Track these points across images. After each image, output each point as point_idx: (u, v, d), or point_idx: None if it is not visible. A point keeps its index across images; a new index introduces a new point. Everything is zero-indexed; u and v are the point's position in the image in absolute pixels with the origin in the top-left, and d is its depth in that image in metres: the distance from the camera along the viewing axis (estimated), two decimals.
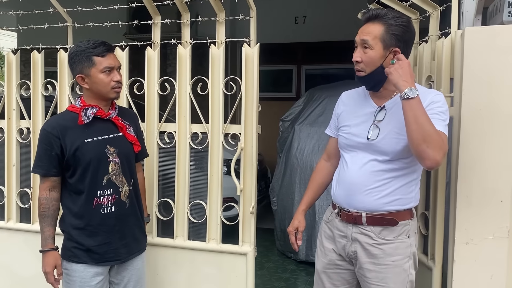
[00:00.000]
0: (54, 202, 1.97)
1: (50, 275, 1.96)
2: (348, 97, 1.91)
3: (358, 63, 1.72)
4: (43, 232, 1.96)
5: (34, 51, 2.62)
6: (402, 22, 1.66)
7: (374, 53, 1.67)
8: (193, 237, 2.40)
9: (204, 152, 2.36)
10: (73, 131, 1.93)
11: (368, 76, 1.71)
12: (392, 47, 1.66)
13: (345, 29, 6.38)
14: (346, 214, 1.79)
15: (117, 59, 1.99)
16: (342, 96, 1.94)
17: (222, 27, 2.32)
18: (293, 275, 3.87)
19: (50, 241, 1.96)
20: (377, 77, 1.69)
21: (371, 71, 1.69)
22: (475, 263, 1.85)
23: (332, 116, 1.95)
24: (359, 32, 1.72)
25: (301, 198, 3.97)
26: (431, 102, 1.64)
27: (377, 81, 1.71)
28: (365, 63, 1.69)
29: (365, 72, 1.70)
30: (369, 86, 1.77)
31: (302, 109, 4.50)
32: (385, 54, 1.66)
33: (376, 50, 1.66)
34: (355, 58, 1.72)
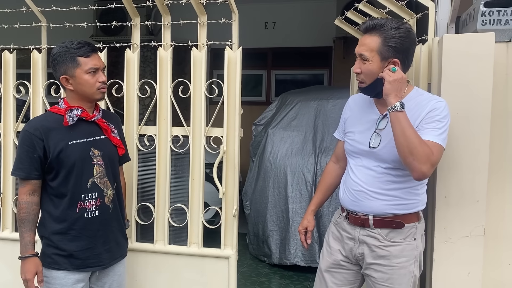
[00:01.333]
0: (35, 207, 1.89)
1: (31, 283, 1.87)
2: (354, 102, 1.93)
3: (358, 74, 1.75)
4: (22, 238, 1.88)
5: (5, 51, 2.52)
6: (400, 33, 1.66)
7: (371, 65, 1.69)
8: (173, 241, 2.37)
9: (185, 156, 2.34)
10: (56, 133, 1.87)
11: (369, 87, 1.74)
12: (390, 58, 1.68)
13: (315, 35, 6.54)
14: (354, 217, 1.83)
15: (102, 60, 1.95)
16: (349, 101, 1.97)
17: (204, 30, 2.31)
18: (267, 278, 3.88)
19: (31, 247, 1.88)
20: (378, 87, 1.70)
21: (371, 82, 1.72)
22: (453, 261, 1.93)
23: (340, 120, 1.98)
24: (358, 44, 1.74)
25: (275, 202, 4.06)
26: (431, 109, 1.67)
27: (379, 90, 1.71)
28: (365, 75, 1.72)
29: (366, 83, 1.74)
30: (372, 95, 1.80)
31: (275, 113, 4.54)
32: (383, 66, 1.69)
33: (373, 62, 1.69)
34: (354, 69, 1.75)
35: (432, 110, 1.67)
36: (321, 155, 4.02)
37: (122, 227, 2.06)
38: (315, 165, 4.00)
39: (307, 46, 6.63)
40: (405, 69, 1.75)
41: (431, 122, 1.66)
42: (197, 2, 2.23)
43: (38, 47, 2.49)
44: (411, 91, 1.77)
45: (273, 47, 6.80)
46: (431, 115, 1.66)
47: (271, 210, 4.07)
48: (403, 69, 1.73)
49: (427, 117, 1.66)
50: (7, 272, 2.52)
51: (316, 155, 4.04)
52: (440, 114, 1.66)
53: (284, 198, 4.01)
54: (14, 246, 2.48)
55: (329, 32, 6.21)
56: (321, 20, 6.31)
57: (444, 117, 1.67)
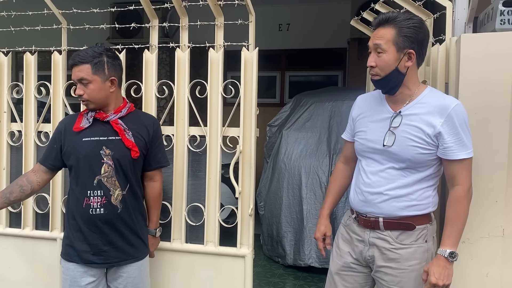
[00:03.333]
0: (24, 179, 2.05)
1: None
2: (363, 101, 1.90)
3: (372, 68, 1.72)
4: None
5: (26, 53, 2.58)
6: (414, 23, 1.66)
7: (387, 56, 1.67)
8: (190, 240, 2.39)
9: (202, 155, 2.37)
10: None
11: (384, 80, 1.71)
12: (406, 49, 1.67)
13: (329, 36, 6.53)
14: (364, 219, 1.80)
15: (81, 72, 1.93)
16: (357, 100, 1.93)
17: (221, 31, 2.33)
18: (281, 279, 3.88)
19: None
20: (392, 81, 1.70)
21: (386, 75, 1.69)
22: (471, 261, 1.91)
23: (348, 120, 1.96)
24: (372, 37, 1.73)
25: (289, 203, 4.07)
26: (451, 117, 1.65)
27: (393, 84, 1.71)
28: (380, 67, 1.70)
29: (380, 76, 1.71)
30: (385, 89, 1.77)
31: (289, 114, 4.56)
32: (399, 57, 1.67)
33: (390, 53, 1.67)
34: (369, 63, 1.73)
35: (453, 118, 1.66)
36: (335, 156, 4.02)
37: (136, 230, 2.05)
38: (329, 166, 4.00)
39: (321, 48, 6.62)
40: (420, 62, 1.74)
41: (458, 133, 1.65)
42: (214, 4, 2.26)
43: (58, 49, 2.54)
44: (424, 90, 1.75)
45: (287, 48, 6.80)
46: (454, 123, 1.65)
47: (285, 211, 4.08)
48: (418, 62, 1.72)
49: (450, 128, 1.65)
50: (28, 268, 2.57)
51: (330, 156, 4.04)
52: (462, 124, 1.67)
53: (299, 199, 4.02)
54: (35, 243, 2.56)
55: (343, 34, 6.20)
56: (336, 22, 6.30)
57: (466, 122, 1.67)
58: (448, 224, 1.70)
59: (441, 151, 1.68)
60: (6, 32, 2.66)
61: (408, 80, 1.72)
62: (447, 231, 1.69)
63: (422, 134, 1.68)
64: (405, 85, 1.73)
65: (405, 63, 1.68)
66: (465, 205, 1.70)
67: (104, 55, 1.96)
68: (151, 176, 2.13)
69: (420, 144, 1.68)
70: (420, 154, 1.69)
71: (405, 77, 1.71)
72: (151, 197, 2.15)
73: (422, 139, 1.68)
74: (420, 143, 1.68)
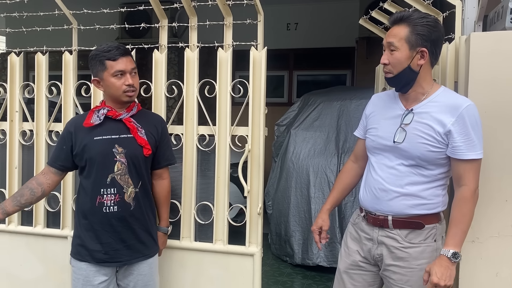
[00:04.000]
0: (34, 182, 2.05)
1: None
2: (378, 99, 1.92)
3: (385, 65, 1.74)
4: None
5: (38, 53, 2.61)
6: (428, 22, 1.67)
7: (400, 54, 1.69)
8: (199, 238, 2.41)
9: (211, 154, 2.38)
10: (86, 129, 1.98)
11: (396, 77, 1.72)
12: (419, 47, 1.67)
13: (337, 35, 6.52)
14: (373, 218, 1.81)
15: (131, 63, 2.00)
16: (372, 98, 1.95)
17: (230, 31, 2.35)
18: (289, 278, 3.89)
19: (2, 207, 2.03)
20: (405, 78, 1.71)
21: (398, 72, 1.71)
22: (481, 261, 1.91)
23: (362, 117, 1.96)
24: (386, 35, 1.75)
25: (297, 202, 4.07)
26: (463, 117, 1.65)
27: (406, 82, 1.72)
28: (392, 65, 1.71)
29: (393, 73, 1.72)
30: (398, 87, 1.78)
31: (298, 113, 4.56)
32: (412, 55, 1.68)
33: (402, 51, 1.68)
34: (382, 60, 1.74)
35: (464, 119, 1.65)
36: (344, 155, 4.01)
37: (148, 227, 2.08)
38: (338, 165, 3.99)
39: (329, 47, 6.61)
40: (433, 61, 1.74)
41: (468, 133, 1.65)
42: (224, 4, 2.27)
43: (69, 49, 2.57)
44: (437, 89, 1.76)
45: (295, 48, 6.80)
46: (465, 123, 1.65)
47: (294, 210, 4.09)
48: (431, 61, 1.72)
49: (461, 128, 1.65)
50: (39, 266, 2.61)
51: (339, 156, 4.03)
52: (474, 124, 1.66)
53: (307, 198, 4.02)
54: (46, 241, 2.59)
55: (351, 33, 6.19)
56: (344, 21, 6.29)
57: (478, 123, 1.67)
58: (452, 225, 1.69)
59: (450, 150, 1.68)
60: (16, 32, 2.70)
61: (421, 78, 1.73)
62: (451, 231, 1.69)
63: (433, 132, 1.68)
64: (418, 84, 1.73)
65: (417, 61, 1.69)
66: (471, 206, 1.69)
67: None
68: (160, 174, 2.15)
69: (430, 142, 1.68)
70: (430, 152, 1.69)
71: (418, 76, 1.72)
72: (161, 195, 2.16)
73: (432, 137, 1.68)
74: (430, 141, 1.68)
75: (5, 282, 2.68)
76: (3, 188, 2.68)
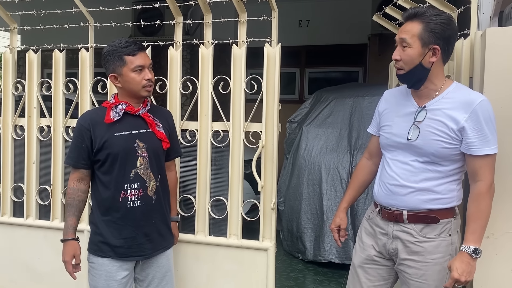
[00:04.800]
0: (80, 194, 2.01)
1: (69, 265, 2.00)
2: (390, 95, 1.91)
3: (397, 61, 1.73)
4: (66, 221, 2.02)
5: (55, 50, 2.65)
6: (441, 19, 1.66)
7: (412, 51, 1.68)
8: (213, 233, 2.44)
9: (225, 150, 2.40)
10: (104, 125, 1.98)
11: (407, 74, 1.72)
12: (431, 44, 1.67)
13: (349, 32, 6.50)
14: (388, 213, 1.82)
15: (148, 58, 2.03)
16: (384, 95, 1.95)
17: (244, 28, 2.37)
18: (301, 274, 3.90)
19: (71, 230, 2.00)
20: (416, 75, 1.71)
21: (410, 69, 1.70)
22: (496, 257, 1.91)
23: (374, 114, 1.97)
24: (399, 31, 1.74)
25: (309, 199, 4.08)
26: (476, 113, 1.64)
27: (417, 79, 1.72)
28: (404, 61, 1.71)
29: (404, 70, 1.72)
30: (409, 84, 1.77)
31: (309, 110, 4.56)
32: (424, 52, 1.67)
33: (414, 48, 1.68)
34: (394, 56, 1.74)
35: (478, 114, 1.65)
36: (356, 152, 4.01)
37: (166, 219, 2.12)
38: (350, 162, 3.99)
39: (341, 44, 6.59)
40: (446, 58, 1.73)
41: (482, 129, 1.65)
42: (238, 0, 2.29)
43: (86, 46, 2.61)
44: (450, 85, 1.75)
45: (307, 45, 6.79)
46: (478, 119, 1.65)
47: (305, 207, 4.09)
48: (443, 59, 1.72)
49: (475, 123, 1.65)
50: (57, 259, 2.65)
51: (351, 153, 4.03)
52: (488, 120, 1.66)
53: (319, 195, 4.02)
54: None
55: (364, 29, 6.16)
56: (356, 17, 6.26)
57: (492, 119, 1.67)
58: (471, 221, 1.69)
59: (464, 146, 1.68)
60: (31, 31, 2.75)
61: (433, 75, 1.72)
62: (470, 227, 1.69)
63: (446, 129, 1.68)
64: (430, 81, 1.73)
65: (429, 59, 1.69)
66: (488, 201, 1.69)
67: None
68: (169, 166, 2.19)
69: (443, 139, 1.68)
70: (444, 149, 1.69)
71: (430, 73, 1.71)
72: (171, 186, 2.21)
73: (446, 133, 1.68)
74: (444, 138, 1.68)
75: (24, 274, 2.74)
76: (21, 183, 2.74)
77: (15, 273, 2.76)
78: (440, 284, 1.75)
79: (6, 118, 2.74)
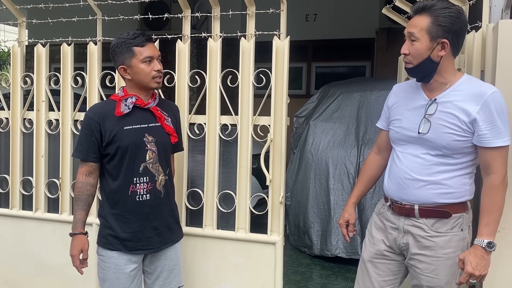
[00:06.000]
0: (89, 187, 2.00)
1: (76, 259, 2.00)
2: (400, 89, 1.90)
3: (406, 55, 1.72)
4: (75, 216, 2.01)
5: (63, 44, 2.66)
6: (450, 13, 1.64)
7: (420, 45, 1.67)
8: (221, 226, 2.44)
9: (233, 144, 2.40)
10: (113, 118, 1.97)
11: (416, 68, 1.71)
12: (440, 38, 1.65)
13: (357, 26, 6.46)
14: (399, 207, 1.80)
15: (157, 49, 2.03)
16: (394, 88, 1.93)
17: (252, 21, 2.35)
18: (308, 269, 3.91)
19: (80, 225, 2.00)
20: (425, 69, 1.70)
21: (418, 63, 1.69)
22: (506, 251, 1.89)
23: (383, 108, 1.95)
24: (407, 25, 1.73)
25: (316, 194, 4.07)
26: (488, 104, 1.63)
27: (426, 72, 1.71)
28: (412, 55, 1.70)
29: (413, 64, 1.71)
30: (418, 77, 1.76)
31: (317, 105, 4.54)
32: (432, 46, 1.66)
33: (423, 42, 1.66)
34: (402, 50, 1.73)
35: (490, 106, 1.63)
36: (364, 147, 3.99)
37: (174, 212, 2.12)
38: (357, 157, 3.98)
39: (348, 38, 6.55)
40: (455, 52, 1.71)
41: (494, 120, 1.63)
42: None
43: (94, 39, 2.61)
44: (460, 77, 1.73)
45: (314, 39, 6.76)
46: (490, 110, 1.63)
47: (312, 201, 4.09)
48: (453, 52, 1.70)
49: (487, 115, 1.63)
50: (66, 252, 2.66)
51: (359, 147, 4.01)
52: (500, 111, 1.64)
53: (326, 190, 4.02)
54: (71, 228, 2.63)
55: (371, 23, 6.12)
56: (363, 11, 6.22)
57: (504, 110, 1.65)
58: (484, 214, 1.68)
59: (476, 138, 1.67)
60: (38, 24, 2.75)
61: (443, 69, 1.71)
62: (483, 220, 1.67)
63: (458, 121, 1.67)
64: (440, 74, 1.71)
65: (438, 52, 1.67)
66: (501, 193, 1.68)
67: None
68: None
69: (455, 131, 1.67)
70: (456, 141, 1.68)
71: (439, 66, 1.70)
72: None
73: (458, 126, 1.67)
74: (455, 130, 1.67)
75: (33, 267, 2.76)
76: (30, 176, 2.75)
77: (24, 265, 2.78)
78: (451, 279, 1.73)
79: (15, 111, 2.75)
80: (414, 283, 1.83)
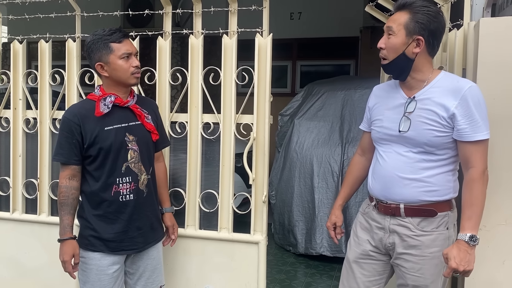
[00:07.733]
0: (74, 191, 1.95)
1: (68, 264, 1.94)
2: (379, 90, 1.91)
3: (381, 49, 1.74)
4: (62, 221, 1.95)
5: (41, 41, 2.59)
6: (429, 11, 1.66)
7: (396, 39, 1.68)
8: (204, 226, 2.40)
9: (216, 142, 2.37)
10: (93, 119, 1.92)
11: (391, 64, 1.72)
12: (415, 35, 1.66)
13: (341, 25, 6.47)
14: (384, 206, 1.80)
15: (134, 45, 1.99)
16: (374, 90, 1.94)
17: (235, 18, 2.32)
18: (293, 267, 3.90)
19: (69, 229, 1.94)
20: (400, 65, 1.70)
21: (393, 58, 1.70)
22: (487, 248, 1.90)
23: (365, 110, 1.95)
24: (387, 20, 1.75)
25: (301, 192, 4.06)
26: (466, 99, 1.63)
27: (401, 69, 1.71)
28: (388, 50, 1.71)
29: (388, 59, 1.72)
30: (394, 74, 1.77)
31: (301, 103, 4.53)
32: (408, 42, 1.67)
33: (398, 36, 1.67)
34: (379, 44, 1.74)
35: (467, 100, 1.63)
36: (348, 145, 4.00)
37: (156, 212, 2.10)
38: (342, 155, 3.98)
39: (333, 37, 6.57)
40: (431, 52, 1.72)
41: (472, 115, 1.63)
42: None
43: (72, 36, 2.55)
44: (438, 74, 1.74)
45: (299, 37, 6.76)
46: (468, 105, 1.63)
47: (297, 200, 4.08)
48: (428, 51, 1.70)
49: (465, 109, 1.63)
50: (44, 254, 2.61)
51: (343, 146, 4.02)
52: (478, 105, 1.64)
53: (310, 188, 4.01)
54: (50, 229, 2.58)
55: (355, 22, 6.14)
56: (348, 10, 6.24)
57: (482, 104, 1.65)
58: (465, 207, 1.67)
59: (455, 133, 1.67)
60: (17, 22, 2.68)
61: (418, 67, 1.71)
62: (465, 214, 1.67)
63: (437, 117, 1.67)
64: (416, 72, 1.72)
65: (413, 49, 1.68)
66: (481, 187, 1.67)
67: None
68: (158, 156, 2.16)
69: (435, 127, 1.67)
70: (436, 137, 1.68)
71: (414, 64, 1.70)
72: (161, 177, 2.18)
73: (437, 122, 1.67)
74: (435, 126, 1.67)
75: (12, 269, 2.69)
76: (7, 176, 2.68)
77: (2, 268, 2.71)
78: (437, 278, 1.73)
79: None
80: (400, 283, 1.82)
